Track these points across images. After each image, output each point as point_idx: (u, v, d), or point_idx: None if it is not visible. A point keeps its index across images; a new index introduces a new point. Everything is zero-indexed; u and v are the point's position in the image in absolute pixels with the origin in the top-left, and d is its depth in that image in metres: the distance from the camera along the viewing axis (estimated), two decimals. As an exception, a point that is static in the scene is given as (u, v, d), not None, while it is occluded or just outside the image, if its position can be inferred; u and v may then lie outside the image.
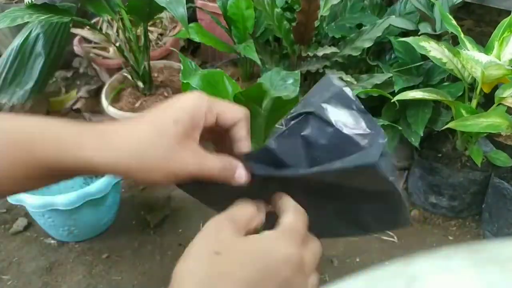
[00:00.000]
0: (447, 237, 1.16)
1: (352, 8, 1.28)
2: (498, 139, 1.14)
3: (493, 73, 0.89)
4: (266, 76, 0.82)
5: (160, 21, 1.72)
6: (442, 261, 0.16)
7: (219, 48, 1.28)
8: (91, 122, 0.36)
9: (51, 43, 1.34)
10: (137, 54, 1.35)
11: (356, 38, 1.11)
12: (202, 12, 1.64)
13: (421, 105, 1.11)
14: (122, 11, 1.31)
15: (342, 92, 0.36)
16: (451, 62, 1.00)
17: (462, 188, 1.13)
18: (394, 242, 1.14)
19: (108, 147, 0.33)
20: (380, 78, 1.08)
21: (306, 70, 1.14)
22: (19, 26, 1.16)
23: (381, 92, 0.72)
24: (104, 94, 1.41)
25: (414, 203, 1.24)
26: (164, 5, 0.95)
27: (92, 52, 1.59)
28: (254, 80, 1.39)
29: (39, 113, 1.60)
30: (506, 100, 0.96)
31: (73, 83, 1.79)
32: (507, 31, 0.94)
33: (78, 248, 1.15)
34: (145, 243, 1.15)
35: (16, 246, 1.16)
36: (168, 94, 1.43)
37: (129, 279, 1.06)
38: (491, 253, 0.16)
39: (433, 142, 1.18)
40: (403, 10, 1.25)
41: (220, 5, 1.32)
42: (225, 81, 0.62)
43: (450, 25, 0.99)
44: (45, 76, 1.39)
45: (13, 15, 1.07)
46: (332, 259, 1.09)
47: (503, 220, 1.06)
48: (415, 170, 1.20)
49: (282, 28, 1.13)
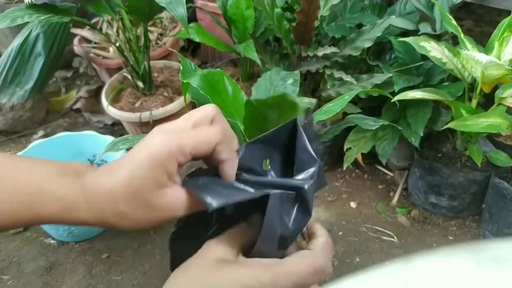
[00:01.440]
0: (447, 237, 1.16)
1: (352, 8, 1.28)
2: (498, 139, 1.14)
3: (493, 73, 0.89)
4: (266, 76, 0.82)
5: (160, 21, 1.72)
6: (442, 261, 0.16)
7: (219, 48, 1.28)
8: (75, 167, 0.38)
9: (51, 43, 1.34)
10: (137, 54, 1.35)
11: (356, 38, 1.11)
12: (202, 12, 1.64)
13: (421, 105, 1.11)
14: (122, 11, 1.31)
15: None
16: (451, 62, 1.00)
17: (462, 188, 1.13)
18: (394, 242, 1.14)
19: (97, 209, 0.35)
20: (380, 78, 1.08)
21: (306, 70, 1.14)
22: (19, 26, 1.16)
23: (381, 92, 0.71)
24: (104, 94, 1.41)
25: (414, 203, 1.24)
26: (164, 5, 0.95)
27: (92, 52, 1.59)
28: (254, 80, 1.39)
29: (39, 113, 1.60)
30: (506, 100, 0.96)
31: (73, 83, 1.79)
32: (507, 31, 0.94)
33: (78, 248, 1.15)
34: (145, 243, 1.15)
35: (16, 246, 1.16)
36: (168, 94, 1.43)
37: (129, 279, 1.06)
38: (491, 253, 0.16)
39: (433, 142, 1.18)
40: (403, 10, 1.25)
41: (220, 5, 1.32)
42: (225, 81, 0.62)
43: (450, 25, 0.99)
44: (45, 76, 1.39)
45: (13, 15, 1.07)
46: (332, 259, 1.09)
47: (503, 220, 1.06)
48: (415, 170, 1.20)
49: (282, 28, 1.13)
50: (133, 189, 0.35)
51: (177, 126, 0.36)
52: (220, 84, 0.61)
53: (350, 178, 1.34)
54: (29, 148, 1.19)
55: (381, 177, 1.34)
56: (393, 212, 1.23)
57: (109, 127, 1.58)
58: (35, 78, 1.35)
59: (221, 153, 0.37)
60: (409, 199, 1.26)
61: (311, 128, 0.41)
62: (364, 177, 1.35)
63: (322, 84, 1.23)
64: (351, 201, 1.26)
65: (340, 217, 1.21)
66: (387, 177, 1.34)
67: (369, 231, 1.17)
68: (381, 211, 1.23)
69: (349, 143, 1.15)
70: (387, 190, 1.30)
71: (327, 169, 1.36)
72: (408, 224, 1.19)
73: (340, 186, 1.31)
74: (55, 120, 1.63)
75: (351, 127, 1.14)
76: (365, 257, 1.10)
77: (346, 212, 1.23)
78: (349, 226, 1.18)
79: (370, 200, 1.27)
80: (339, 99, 0.63)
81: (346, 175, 1.35)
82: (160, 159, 0.35)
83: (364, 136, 1.16)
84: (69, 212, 0.35)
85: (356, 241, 1.14)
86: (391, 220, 1.20)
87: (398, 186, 1.29)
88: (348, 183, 1.32)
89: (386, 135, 1.16)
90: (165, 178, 0.35)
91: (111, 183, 0.35)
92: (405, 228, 1.18)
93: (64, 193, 0.35)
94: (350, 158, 1.14)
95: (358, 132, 1.15)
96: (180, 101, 1.36)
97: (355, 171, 1.36)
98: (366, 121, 0.79)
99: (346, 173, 1.35)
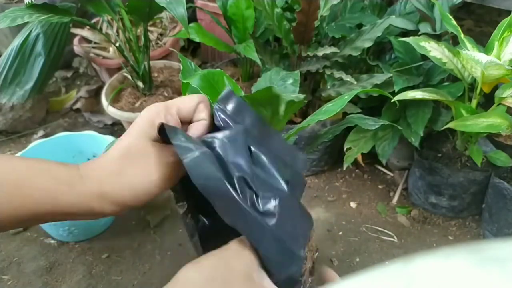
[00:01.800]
0: (447, 237, 1.16)
1: (352, 8, 1.28)
2: (498, 139, 1.14)
3: (493, 73, 0.89)
4: (266, 76, 0.82)
5: (160, 21, 1.72)
6: (442, 261, 0.16)
7: (219, 48, 1.28)
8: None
9: (51, 43, 1.34)
10: (137, 54, 1.35)
11: (356, 38, 1.11)
12: (202, 12, 1.64)
13: (421, 105, 1.11)
14: (122, 11, 1.31)
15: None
16: (451, 62, 1.00)
17: (462, 188, 1.13)
18: (394, 242, 1.14)
19: (94, 181, 0.37)
20: (380, 78, 1.08)
21: (306, 70, 1.14)
22: (19, 26, 1.16)
23: (381, 92, 0.71)
24: (104, 94, 1.41)
25: (414, 203, 1.24)
26: (164, 5, 0.95)
27: (92, 52, 1.59)
28: (254, 80, 1.39)
29: (39, 113, 1.60)
30: (506, 100, 0.96)
31: (73, 83, 1.79)
32: (507, 31, 0.94)
33: (78, 248, 1.15)
34: (145, 243, 1.15)
35: (16, 246, 1.16)
36: (168, 94, 1.43)
37: (129, 279, 1.06)
38: (491, 253, 0.16)
39: (433, 142, 1.18)
40: (403, 10, 1.25)
41: (220, 5, 1.32)
42: (225, 81, 0.62)
43: (450, 25, 0.99)
44: (45, 76, 1.39)
45: (13, 15, 1.07)
46: (332, 259, 1.09)
47: (503, 220, 1.06)
48: (415, 170, 1.20)
49: (282, 28, 1.13)
50: (125, 150, 0.37)
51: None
52: (220, 84, 0.62)
53: (350, 178, 1.34)
54: (29, 148, 1.19)
55: (381, 177, 1.34)
56: (393, 212, 1.23)
57: (109, 127, 1.58)
58: (35, 78, 1.35)
59: (201, 113, 0.41)
60: (409, 199, 1.26)
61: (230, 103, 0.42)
62: (364, 177, 1.35)
63: (322, 84, 1.23)
64: (351, 201, 1.26)
65: (340, 217, 1.21)
66: (387, 177, 1.34)
67: (369, 231, 1.17)
68: (381, 211, 1.23)
69: (349, 143, 1.15)
70: (387, 190, 1.30)
71: (327, 169, 1.36)
72: (408, 224, 1.19)
73: (340, 186, 1.31)
74: (55, 120, 1.63)
75: (351, 127, 1.14)
76: (365, 257, 1.10)
77: (346, 212, 1.23)
78: (349, 226, 1.18)
79: (370, 200, 1.27)
80: (339, 99, 0.63)
81: (346, 175, 1.35)
82: (149, 117, 0.38)
83: (364, 136, 1.16)
84: (62, 192, 0.36)
85: (356, 241, 1.14)
86: (391, 220, 1.20)
87: (398, 186, 1.29)
88: (348, 183, 1.32)
89: (386, 135, 1.16)
90: (154, 132, 0.38)
91: (106, 156, 0.38)
92: (405, 228, 1.18)
93: (59, 172, 0.37)
94: (350, 158, 1.14)
95: (358, 132, 1.16)
96: (180, 101, 1.36)
97: (355, 171, 1.36)
98: (366, 121, 0.79)
99: (346, 173, 1.35)
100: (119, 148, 0.38)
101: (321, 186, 1.31)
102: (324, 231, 1.16)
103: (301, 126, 0.60)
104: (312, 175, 1.34)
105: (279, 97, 0.42)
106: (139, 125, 0.38)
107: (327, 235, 1.16)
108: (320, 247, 1.05)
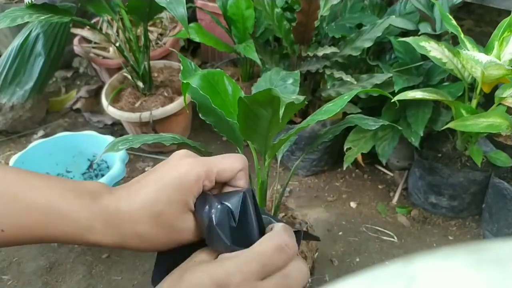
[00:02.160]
0: (447, 237, 1.16)
1: (352, 8, 1.28)
2: (498, 139, 1.14)
3: (493, 73, 0.89)
4: (266, 76, 0.82)
5: (160, 21, 1.72)
6: (442, 261, 0.16)
7: (219, 48, 1.28)
8: (93, 190, 0.38)
9: (51, 43, 1.34)
10: (137, 54, 1.35)
11: (356, 38, 1.11)
12: (202, 12, 1.64)
13: (421, 105, 1.11)
14: (122, 11, 1.31)
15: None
16: (451, 62, 1.00)
17: (462, 188, 1.13)
18: (394, 242, 1.14)
19: (115, 232, 0.36)
20: (380, 78, 1.08)
21: (306, 70, 1.14)
22: (19, 26, 1.16)
23: (381, 92, 0.71)
24: (104, 94, 1.41)
25: (414, 203, 1.24)
26: (164, 5, 0.95)
27: (92, 52, 1.59)
28: (254, 80, 1.39)
29: (39, 113, 1.60)
30: (506, 100, 0.96)
31: (73, 83, 1.79)
32: (507, 31, 0.94)
33: (78, 248, 1.15)
34: (145, 243, 1.15)
35: (16, 246, 1.16)
36: (168, 94, 1.43)
37: (129, 279, 1.06)
38: (491, 253, 0.16)
39: (433, 142, 1.18)
40: (403, 10, 1.25)
41: (220, 5, 1.32)
42: (225, 81, 0.62)
43: (450, 25, 0.99)
44: (45, 76, 1.39)
45: (13, 15, 1.07)
46: (332, 259, 1.09)
47: (503, 220, 1.06)
48: (415, 170, 1.20)
49: (282, 28, 1.13)
50: (156, 212, 0.35)
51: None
52: (220, 84, 0.61)
53: (350, 178, 1.34)
54: (29, 148, 1.19)
55: (381, 177, 1.34)
56: (393, 212, 1.23)
57: (109, 127, 1.58)
58: (35, 78, 1.35)
59: (240, 180, 0.39)
60: (409, 199, 1.26)
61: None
62: (364, 177, 1.35)
63: (322, 84, 1.23)
64: (351, 201, 1.26)
65: (340, 217, 1.21)
66: (387, 177, 1.34)
67: (369, 231, 1.17)
68: (381, 211, 1.23)
69: (349, 143, 1.15)
70: (387, 190, 1.30)
71: (327, 169, 1.36)
72: (408, 224, 1.19)
73: (340, 186, 1.31)
74: (55, 120, 1.63)
75: (351, 127, 1.14)
76: (365, 257, 1.10)
77: (346, 212, 1.23)
78: (349, 226, 1.18)
79: (370, 200, 1.27)
80: (338, 99, 0.63)
81: (346, 175, 1.35)
82: (189, 183, 0.35)
83: (364, 136, 1.16)
84: (82, 235, 0.36)
85: (356, 241, 1.14)
86: (391, 220, 1.20)
87: (398, 186, 1.29)
88: (348, 183, 1.32)
89: (386, 135, 1.16)
90: (191, 202, 0.36)
91: (132, 207, 0.36)
92: (405, 228, 1.18)
93: (78, 216, 0.35)
94: (350, 158, 1.14)
95: (358, 132, 1.16)
96: (180, 101, 1.36)
97: (355, 171, 1.36)
98: (366, 121, 0.79)
99: (346, 173, 1.35)
100: (150, 207, 0.35)
101: (321, 186, 1.31)
102: (324, 231, 1.17)
103: (301, 126, 0.60)
104: (312, 175, 1.34)
105: (279, 98, 0.42)
106: (176, 189, 0.35)
107: (327, 235, 1.16)
108: (320, 247, 1.05)
